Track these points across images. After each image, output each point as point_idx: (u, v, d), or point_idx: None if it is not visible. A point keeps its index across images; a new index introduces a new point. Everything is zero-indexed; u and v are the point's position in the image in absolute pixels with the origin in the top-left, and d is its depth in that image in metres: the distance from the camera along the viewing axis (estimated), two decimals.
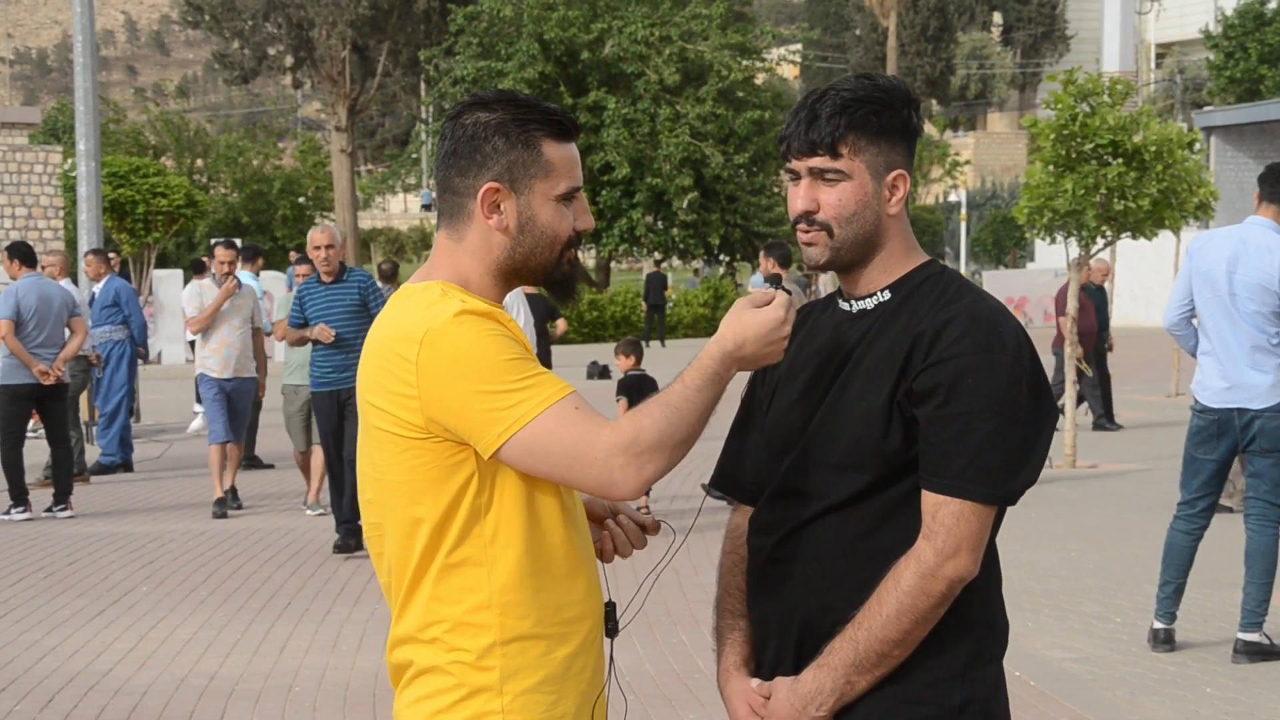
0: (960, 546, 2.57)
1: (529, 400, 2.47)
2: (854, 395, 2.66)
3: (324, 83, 47.73)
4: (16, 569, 9.94)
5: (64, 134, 49.43)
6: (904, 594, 2.56)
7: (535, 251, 2.63)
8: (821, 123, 2.66)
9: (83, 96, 18.32)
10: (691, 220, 38.27)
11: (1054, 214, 13.03)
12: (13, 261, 12.06)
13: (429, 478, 2.53)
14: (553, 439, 2.46)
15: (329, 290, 10.19)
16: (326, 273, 10.15)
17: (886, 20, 53.82)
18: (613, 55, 37.91)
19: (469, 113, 2.64)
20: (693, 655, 7.37)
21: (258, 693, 6.94)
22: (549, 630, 2.57)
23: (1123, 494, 12.10)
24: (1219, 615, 7.83)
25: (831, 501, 2.66)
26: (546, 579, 2.57)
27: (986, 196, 57.60)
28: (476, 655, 2.54)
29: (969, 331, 2.60)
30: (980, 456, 2.56)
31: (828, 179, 2.67)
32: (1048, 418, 2.65)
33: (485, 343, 2.48)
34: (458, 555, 2.54)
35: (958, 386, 2.57)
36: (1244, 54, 45.09)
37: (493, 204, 2.61)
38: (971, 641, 2.65)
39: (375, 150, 70.36)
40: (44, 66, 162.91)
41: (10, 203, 21.96)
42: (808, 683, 2.64)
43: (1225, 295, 7.00)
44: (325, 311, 10.09)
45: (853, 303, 2.76)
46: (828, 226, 2.69)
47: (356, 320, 10.09)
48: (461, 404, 2.47)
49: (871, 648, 2.58)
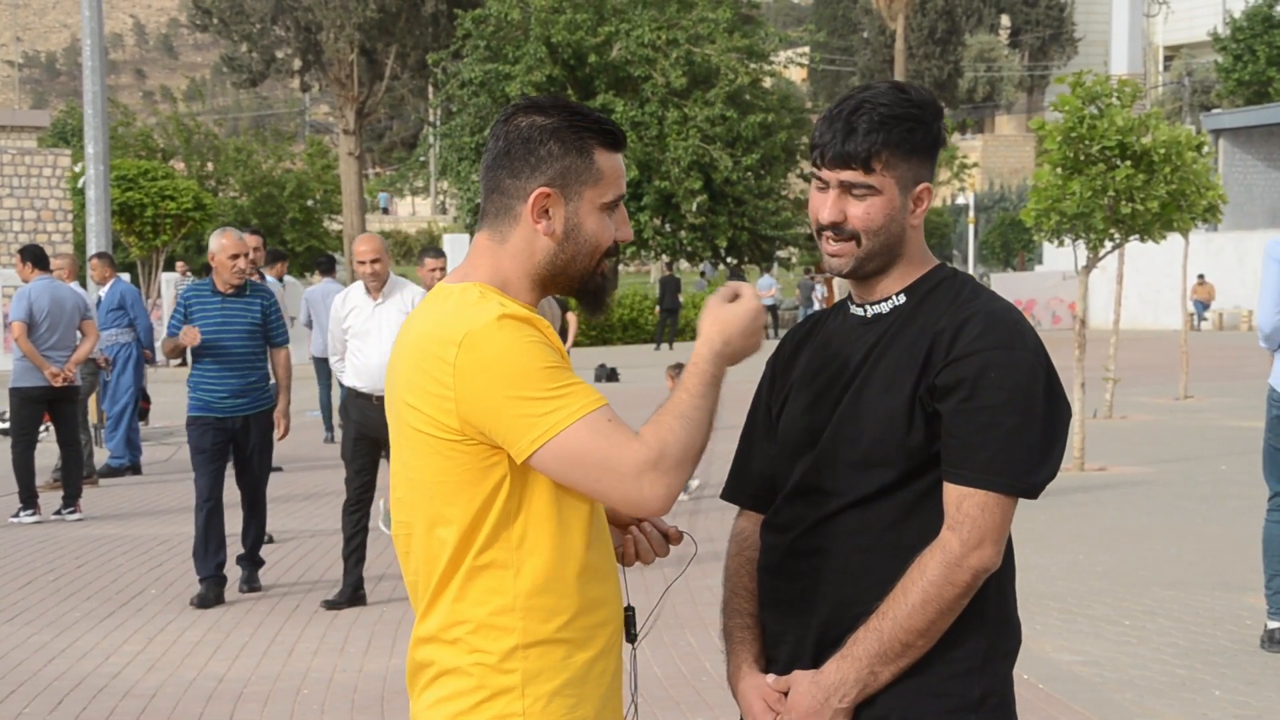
0: (985, 537, 2.61)
1: (565, 408, 2.47)
2: (874, 394, 2.69)
3: (332, 86, 47.80)
4: (26, 571, 9.96)
5: (73, 137, 49.57)
6: (929, 584, 2.60)
7: (577, 259, 2.63)
8: (858, 138, 2.67)
9: (91, 100, 18.36)
10: (699, 223, 38.29)
11: (1062, 216, 13.03)
12: (25, 264, 12.09)
13: (461, 479, 2.54)
14: (585, 449, 2.47)
15: (226, 303, 8.95)
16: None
17: (894, 23, 53.77)
18: (620, 58, 37.94)
19: (523, 115, 2.64)
20: (701, 658, 7.37)
21: (266, 695, 6.95)
22: (571, 635, 2.57)
23: (1131, 497, 12.09)
24: (1228, 618, 7.81)
25: (854, 497, 2.69)
26: (571, 584, 2.57)
27: (994, 199, 57.59)
28: (499, 658, 2.55)
29: (990, 329, 2.64)
30: (1004, 449, 2.60)
31: (856, 193, 2.70)
32: (1064, 413, 2.70)
33: (524, 348, 2.49)
34: (485, 558, 2.55)
35: (981, 381, 2.61)
36: (1252, 56, 45.03)
37: (542, 208, 2.60)
38: (990, 635, 2.69)
39: (383, 153, 70.46)
40: (53, 70, 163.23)
41: (19, 206, 22.00)
42: (830, 674, 2.65)
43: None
44: (220, 329, 8.90)
45: (866, 307, 2.79)
46: (856, 236, 2.72)
47: (254, 341, 9.02)
48: (497, 408, 2.47)
49: (896, 637, 2.61)
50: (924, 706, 2.64)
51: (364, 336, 8.73)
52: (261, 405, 9.07)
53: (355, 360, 8.74)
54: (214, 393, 8.94)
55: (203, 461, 8.97)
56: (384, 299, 8.75)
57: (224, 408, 8.95)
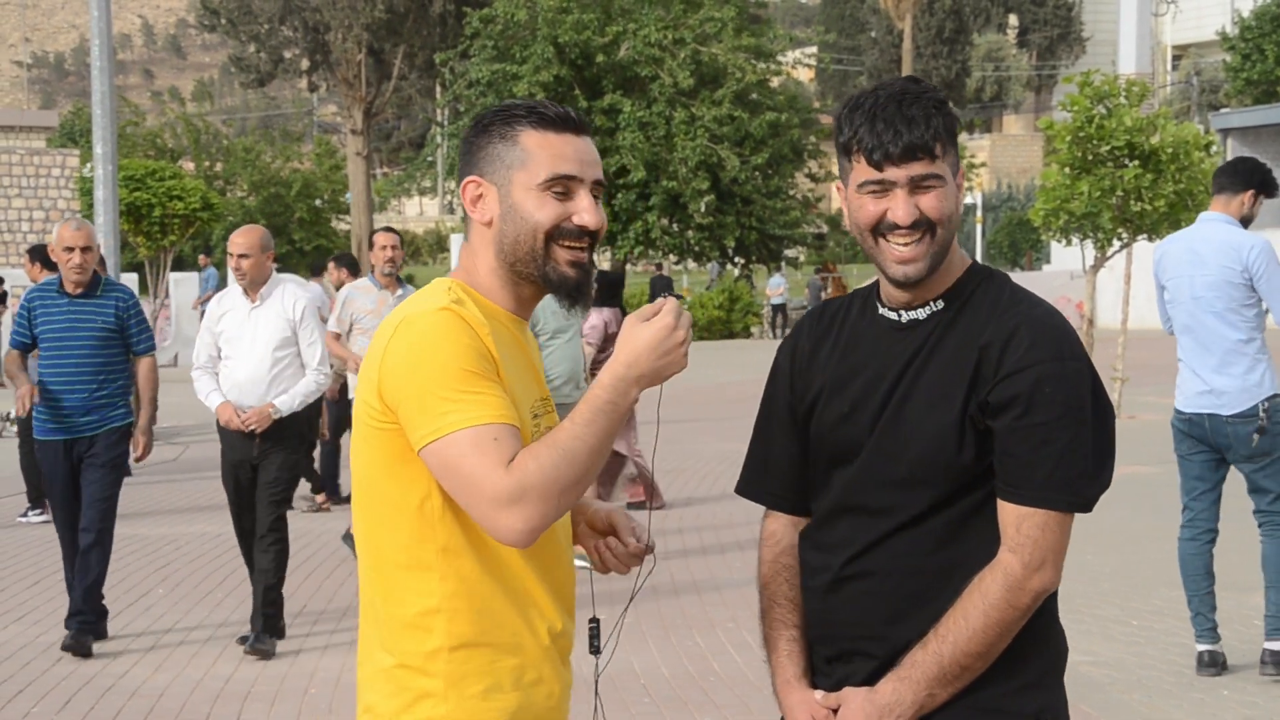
0: (1046, 559, 2.57)
1: (460, 413, 2.44)
2: (919, 410, 2.62)
3: (340, 86, 47.81)
4: (34, 571, 9.97)
5: (81, 138, 49.62)
6: (991, 607, 2.56)
7: (519, 241, 2.60)
8: (921, 127, 2.58)
9: (100, 100, 18.37)
10: (707, 223, 38.26)
11: (1070, 216, 13.03)
12: (34, 264, 12.14)
13: (384, 469, 2.54)
14: (460, 460, 2.44)
15: (74, 305, 7.82)
16: (76, 282, 7.79)
17: (902, 23, 53.76)
18: (627, 58, 37.91)
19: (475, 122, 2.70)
20: (708, 658, 7.36)
21: (273, 695, 6.95)
22: (497, 639, 2.54)
23: (1139, 497, 12.06)
24: (1235, 619, 7.79)
25: (903, 519, 2.63)
26: (498, 588, 2.54)
27: (1002, 199, 57.52)
28: (423, 659, 2.53)
29: (1039, 340, 2.58)
30: (1061, 466, 2.55)
31: (925, 185, 2.60)
32: (1112, 419, 2.66)
33: (449, 343, 2.47)
34: (409, 557, 2.54)
35: (1036, 396, 2.55)
36: (1261, 56, 44.94)
37: (474, 198, 2.63)
38: (1044, 651, 2.67)
39: (391, 153, 70.49)
40: (61, 70, 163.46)
41: (28, 205, 22.03)
42: (886, 694, 2.61)
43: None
44: (66, 333, 7.79)
45: (901, 313, 2.69)
46: (933, 227, 2.61)
47: (109, 349, 7.83)
48: (408, 394, 2.47)
49: (957, 660, 2.57)
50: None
51: (235, 343, 7.77)
52: (111, 423, 7.81)
53: (224, 370, 7.80)
54: (59, 409, 7.77)
55: (58, 495, 7.84)
56: (261, 301, 7.77)
57: (71, 426, 7.77)
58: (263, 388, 7.70)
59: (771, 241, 39.88)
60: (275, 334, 7.72)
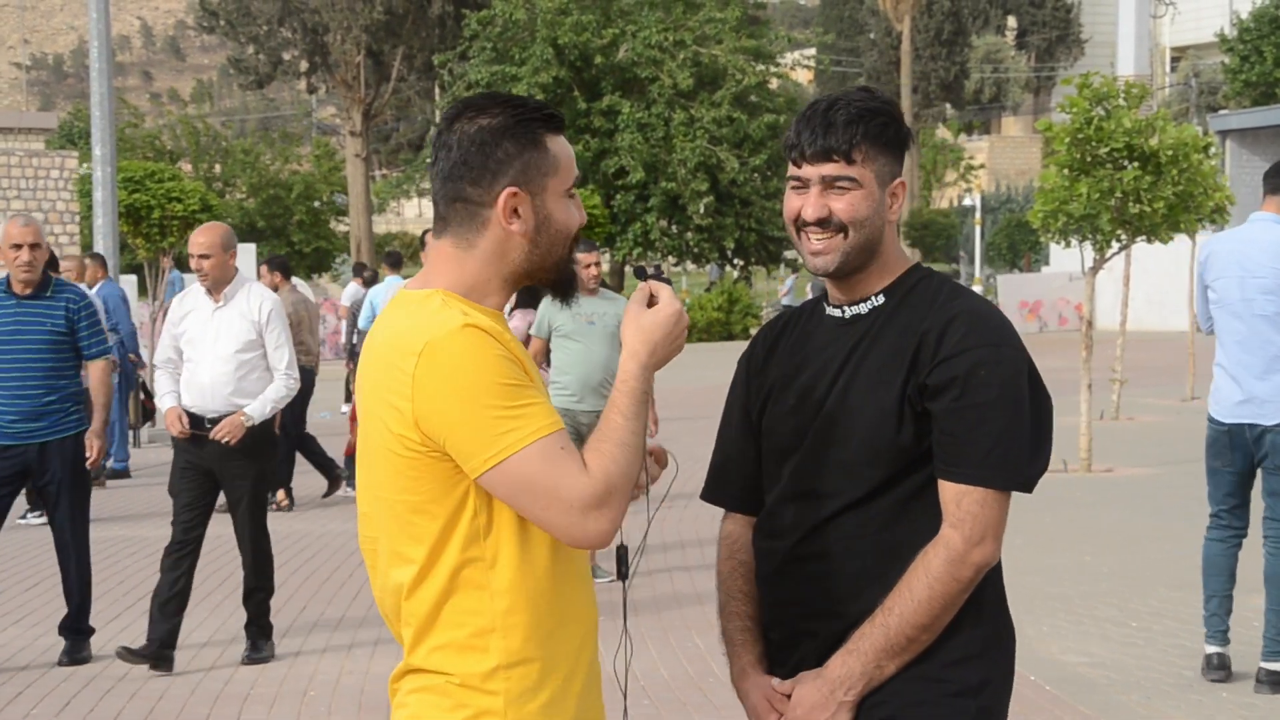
0: (986, 533, 2.67)
1: (521, 429, 2.42)
2: (860, 395, 2.73)
3: (339, 88, 47.82)
4: (33, 573, 9.97)
5: (80, 139, 49.60)
6: (935, 580, 2.66)
7: (552, 250, 2.60)
8: (838, 130, 2.73)
9: (99, 102, 18.38)
10: (706, 224, 38.25)
11: (1069, 218, 13.02)
12: None
13: (427, 495, 2.49)
14: (536, 475, 2.42)
15: (21, 306, 7.52)
16: (24, 281, 7.53)
17: (901, 25, 53.73)
18: (626, 60, 37.91)
19: (466, 119, 2.58)
20: (707, 659, 7.37)
21: (273, 697, 6.95)
22: (549, 652, 2.54)
23: (1138, 498, 12.07)
24: (1234, 619, 7.79)
25: (849, 499, 2.73)
26: (544, 602, 2.53)
27: (1001, 200, 57.51)
28: (481, 678, 2.51)
29: (976, 328, 2.70)
30: (999, 445, 2.66)
31: (839, 186, 2.74)
32: (1050, 406, 2.77)
33: (484, 361, 2.43)
34: (460, 578, 2.50)
35: (972, 379, 2.66)
36: (1259, 58, 44.95)
37: (512, 209, 2.56)
38: (987, 624, 2.76)
39: (390, 155, 70.48)
40: (60, 72, 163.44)
41: (27, 207, 22.03)
42: (836, 668, 2.71)
43: None
44: (12, 336, 7.50)
45: (845, 309, 2.83)
46: (844, 229, 2.75)
47: (58, 353, 7.55)
48: (454, 421, 2.42)
49: (903, 632, 2.67)
50: (926, 692, 2.70)
51: (198, 344, 7.52)
52: (64, 430, 7.57)
53: (186, 373, 7.54)
54: (3, 415, 7.50)
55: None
56: (225, 301, 7.53)
57: (14, 432, 7.49)
58: (226, 391, 7.43)
59: (770, 243, 39.87)
60: (239, 336, 7.48)
